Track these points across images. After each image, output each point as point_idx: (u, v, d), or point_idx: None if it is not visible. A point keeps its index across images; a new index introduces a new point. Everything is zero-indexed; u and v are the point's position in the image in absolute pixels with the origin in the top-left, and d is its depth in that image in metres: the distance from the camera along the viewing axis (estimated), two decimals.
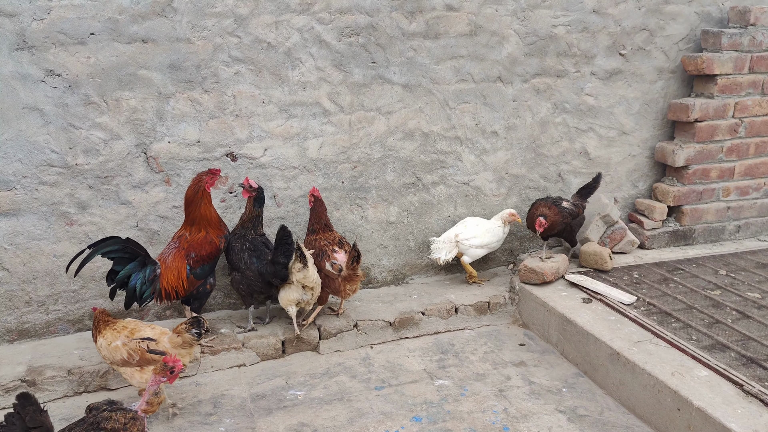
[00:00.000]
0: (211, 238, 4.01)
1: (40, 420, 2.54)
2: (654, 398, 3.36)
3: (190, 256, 3.93)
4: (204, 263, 3.98)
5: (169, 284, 3.88)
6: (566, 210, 4.57)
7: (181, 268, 3.91)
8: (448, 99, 4.72)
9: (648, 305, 4.15)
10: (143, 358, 3.35)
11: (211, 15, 4.04)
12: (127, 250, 3.73)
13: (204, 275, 4.01)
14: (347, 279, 4.11)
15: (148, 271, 3.79)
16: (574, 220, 4.67)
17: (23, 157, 3.88)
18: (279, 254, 3.95)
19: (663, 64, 5.20)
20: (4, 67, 3.73)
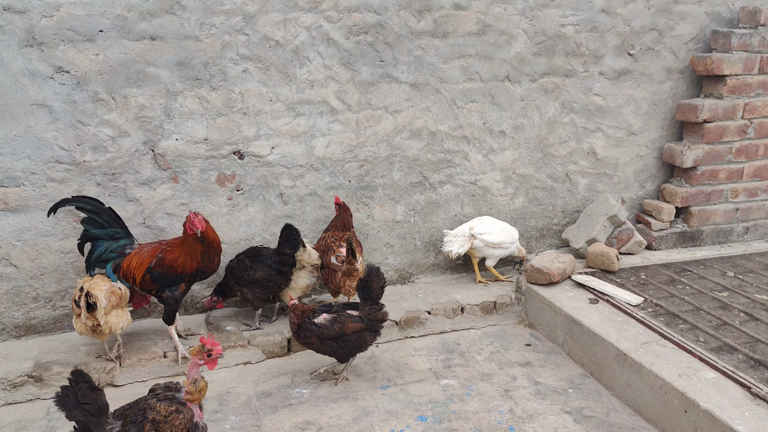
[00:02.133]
0: (185, 260, 3.82)
1: (92, 397, 2.56)
2: (661, 400, 3.34)
3: (158, 255, 3.83)
4: (163, 271, 3.80)
5: (129, 267, 3.81)
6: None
7: (145, 261, 3.82)
8: (455, 98, 4.72)
9: (655, 306, 4.13)
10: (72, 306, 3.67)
11: (219, 13, 4.04)
12: (103, 215, 3.83)
13: (160, 282, 3.82)
14: (347, 274, 4.14)
15: (118, 244, 3.85)
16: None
17: (32, 154, 3.90)
18: (285, 246, 4.09)
19: (672, 64, 5.18)
20: (13, 63, 3.74)
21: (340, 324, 3.61)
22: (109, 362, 3.80)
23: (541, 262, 4.54)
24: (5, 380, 3.61)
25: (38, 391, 3.66)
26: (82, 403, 2.50)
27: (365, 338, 3.67)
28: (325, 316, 3.66)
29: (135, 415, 2.66)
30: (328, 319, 3.63)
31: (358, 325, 3.62)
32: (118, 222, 3.91)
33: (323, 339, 3.62)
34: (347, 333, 3.61)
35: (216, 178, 4.30)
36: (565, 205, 5.27)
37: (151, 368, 3.87)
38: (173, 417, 2.69)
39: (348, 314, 3.66)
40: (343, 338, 3.62)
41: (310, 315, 3.68)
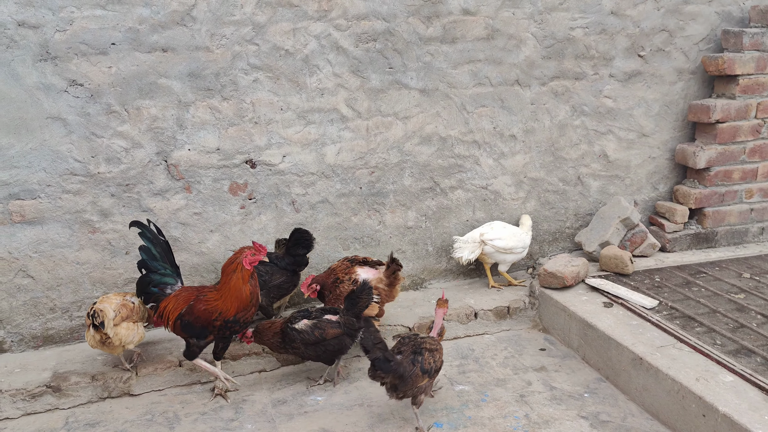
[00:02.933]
0: (210, 308, 3.60)
1: (380, 338, 3.28)
2: (678, 404, 3.32)
3: (190, 304, 3.64)
4: (191, 321, 3.61)
5: (166, 309, 3.66)
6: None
7: (179, 307, 3.65)
8: (465, 103, 4.72)
9: (670, 309, 4.10)
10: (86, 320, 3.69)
11: (229, 23, 4.07)
12: (157, 247, 3.78)
13: (187, 331, 3.64)
14: (391, 285, 4.14)
15: (162, 281, 3.76)
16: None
17: (47, 166, 3.95)
18: (299, 248, 4.23)
19: (683, 65, 5.15)
20: (28, 78, 3.79)
21: (321, 330, 3.68)
22: (126, 372, 3.83)
23: (554, 266, 4.53)
24: (24, 390, 3.65)
25: (56, 401, 3.70)
26: (375, 343, 3.23)
27: (345, 342, 3.74)
28: (305, 321, 3.72)
29: (413, 348, 3.31)
30: (308, 324, 3.70)
31: (338, 331, 3.70)
32: (169, 257, 3.82)
33: (307, 344, 3.69)
34: (327, 338, 3.68)
35: (229, 187, 4.33)
36: (578, 208, 5.25)
37: (167, 377, 3.90)
38: (439, 348, 3.42)
39: (327, 320, 3.72)
40: (323, 343, 3.70)
41: (291, 321, 3.75)
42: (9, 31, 3.71)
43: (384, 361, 3.16)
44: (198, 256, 4.34)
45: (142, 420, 3.57)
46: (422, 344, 3.33)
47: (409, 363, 3.22)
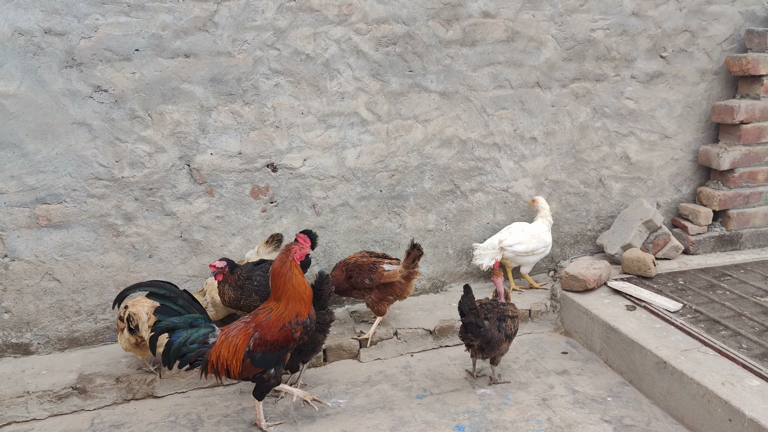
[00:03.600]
0: (286, 324, 3.30)
1: (474, 304, 3.62)
2: (703, 408, 3.28)
3: (255, 336, 3.27)
4: (266, 350, 3.27)
5: (221, 359, 3.24)
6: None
7: (240, 347, 3.25)
8: (485, 105, 4.71)
9: (695, 312, 4.06)
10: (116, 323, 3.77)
11: (251, 28, 4.11)
12: (179, 302, 3.27)
13: (263, 364, 3.30)
14: (408, 278, 4.16)
15: (198, 333, 3.27)
16: None
17: (72, 171, 4.01)
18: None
19: (706, 65, 5.10)
20: (54, 84, 3.86)
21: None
22: (149, 374, 3.87)
23: (576, 269, 4.50)
24: (51, 392, 3.70)
25: (82, 403, 3.75)
26: (471, 309, 3.58)
27: (318, 338, 3.70)
28: None
29: (498, 314, 3.67)
30: None
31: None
32: (195, 305, 3.33)
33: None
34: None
35: (250, 191, 4.36)
36: (599, 210, 5.21)
37: (189, 379, 3.93)
38: (518, 314, 3.80)
39: None
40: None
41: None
42: (36, 38, 3.77)
43: (476, 326, 3.55)
44: None
45: (165, 422, 3.61)
46: (505, 312, 3.69)
47: (495, 329, 3.61)
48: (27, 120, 3.86)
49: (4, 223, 3.95)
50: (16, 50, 3.76)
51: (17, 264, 4.03)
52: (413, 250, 4.08)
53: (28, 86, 3.82)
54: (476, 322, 3.55)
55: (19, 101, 3.82)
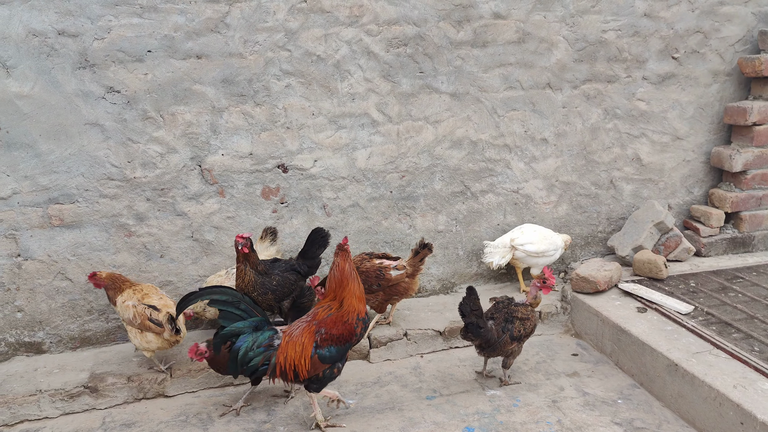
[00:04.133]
0: (348, 319, 3.30)
1: (478, 305, 3.62)
2: (715, 411, 3.26)
3: (320, 332, 3.27)
4: (333, 344, 3.28)
5: (288, 361, 3.22)
6: None
7: (307, 345, 3.25)
8: (496, 107, 4.71)
9: (706, 315, 4.03)
10: (143, 323, 3.68)
11: (262, 30, 4.13)
12: (242, 307, 3.27)
13: (331, 359, 3.30)
14: (412, 276, 4.17)
15: (263, 337, 3.24)
16: None
17: (85, 171, 4.04)
18: (315, 248, 4.11)
19: (718, 66, 5.07)
20: (67, 85, 3.89)
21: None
22: (160, 373, 3.89)
23: (586, 271, 4.48)
24: (63, 391, 3.73)
25: (94, 402, 3.77)
26: (473, 310, 3.60)
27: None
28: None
29: (506, 315, 3.68)
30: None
31: None
32: (257, 308, 3.33)
33: None
34: None
35: (261, 192, 4.38)
36: (610, 212, 5.19)
37: (200, 379, 3.95)
38: (531, 316, 3.71)
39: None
40: None
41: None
42: (50, 39, 3.81)
43: (476, 326, 3.58)
44: (231, 259, 4.39)
45: (176, 421, 3.63)
46: (515, 313, 3.69)
47: (500, 330, 3.64)
48: (40, 120, 3.89)
49: (18, 222, 3.99)
50: (31, 51, 3.80)
51: (30, 263, 4.06)
52: (423, 249, 4.09)
53: (41, 87, 3.85)
54: (477, 322, 3.58)
55: (33, 102, 3.86)
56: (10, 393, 3.70)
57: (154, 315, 3.67)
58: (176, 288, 4.34)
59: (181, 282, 4.34)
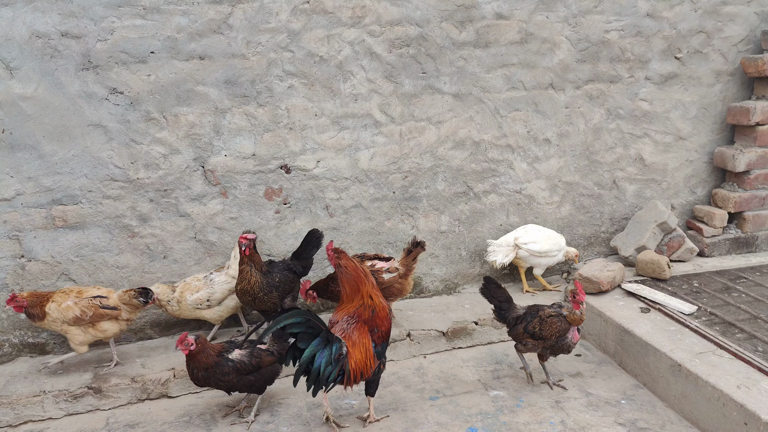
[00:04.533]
0: (387, 313, 3.41)
1: (500, 292, 3.88)
2: (719, 412, 3.25)
3: (374, 331, 3.31)
4: (384, 340, 3.37)
5: (357, 365, 3.21)
6: None
7: (368, 345, 3.27)
8: (498, 107, 4.71)
9: (710, 315, 4.03)
10: (96, 313, 3.77)
11: (265, 31, 4.13)
12: (310, 324, 3.13)
13: (382, 354, 3.37)
14: (406, 275, 4.16)
15: (334, 349, 3.15)
16: None
17: (88, 173, 4.05)
18: (310, 248, 4.17)
19: (721, 66, 5.07)
20: (70, 86, 3.90)
21: (257, 358, 3.52)
22: (164, 374, 3.89)
23: (589, 271, 4.48)
24: (66, 391, 3.74)
25: (97, 402, 3.78)
26: (494, 296, 3.84)
27: (277, 370, 3.62)
28: (239, 351, 3.53)
29: (532, 311, 3.77)
30: (243, 354, 3.52)
31: (273, 359, 3.56)
32: (319, 320, 3.18)
33: (243, 373, 3.49)
34: (263, 366, 3.54)
35: (264, 192, 4.38)
36: (613, 212, 5.19)
37: None
38: (552, 320, 3.68)
39: (261, 349, 3.57)
40: (259, 372, 3.54)
41: (223, 352, 3.53)
42: (53, 41, 3.82)
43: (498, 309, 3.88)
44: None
45: (180, 422, 3.63)
46: (540, 311, 3.75)
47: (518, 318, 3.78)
48: (44, 122, 3.90)
49: (21, 224, 4.00)
50: (34, 53, 3.81)
51: (34, 264, 4.07)
52: (416, 247, 4.09)
53: (45, 88, 3.86)
54: (500, 305, 3.84)
55: (36, 103, 3.86)
56: (14, 394, 3.71)
57: (104, 302, 3.78)
58: None
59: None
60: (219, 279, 4.11)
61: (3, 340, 4.12)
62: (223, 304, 4.11)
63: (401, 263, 4.15)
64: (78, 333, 3.80)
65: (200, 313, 4.09)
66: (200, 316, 4.10)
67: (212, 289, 4.07)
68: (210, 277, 4.13)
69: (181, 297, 4.03)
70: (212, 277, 4.12)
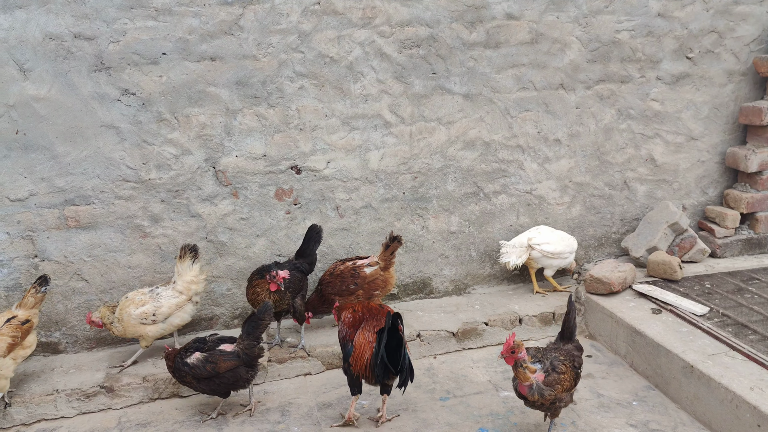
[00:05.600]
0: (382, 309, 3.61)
1: None
2: (732, 414, 3.23)
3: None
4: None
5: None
6: None
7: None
8: (509, 107, 4.70)
9: (722, 316, 4.01)
10: (23, 333, 3.64)
11: (275, 32, 4.15)
12: (394, 322, 3.29)
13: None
14: (386, 269, 4.23)
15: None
16: None
17: (101, 173, 4.07)
18: (312, 244, 4.23)
19: (733, 66, 5.04)
20: (83, 87, 3.93)
21: (213, 364, 3.44)
22: None
23: (600, 272, 4.47)
24: (79, 390, 3.77)
25: (110, 401, 3.80)
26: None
27: (241, 374, 3.51)
28: (197, 355, 3.48)
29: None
30: (200, 359, 3.46)
31: (232, 363, 3.46)
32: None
33: (199, 379, 3.47)
34: (220, 372, 3.46)
35: (274, 193, 4.39)
36: (624, 213, 5.17)
37: None
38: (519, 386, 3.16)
39: (221, 351, 3.48)
40: (217, 377, 3.47)
41: (182, 354, 3.51)
42: (66, 42, 3.85)
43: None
44: (245, 260, 4.42)
45: (191, 421, 3.65)
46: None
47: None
48: (57, 123, 3.93)
49: (35, 224, 4.03)
50: (47, 54, 3.84)
51: (47, 264, 4.10)
52: (393, 242, 4.13)
53: (58, 90, 3.89)
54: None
55: (49, 104, 3.90)
56: (27, 393, 3.74)
57: (19, 319, 3.66)
58: None
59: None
60: (166, 293, 3.95)
61: None
62: (168, 320, 3.95)
63: (380, 258, 4.21)
64: (10, 362, 3.60)
65: (143, 329, 3.89)
66: (142, 332, 3.90)
67: (159, 302, 3.91)
68: (156, 291, 3.98)
69: (121, 314, 3.86)
70: (158, 291, 3.98)
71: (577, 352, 3.33)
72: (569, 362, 3.19)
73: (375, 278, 4.20)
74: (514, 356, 3.10)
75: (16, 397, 3.69)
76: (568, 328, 3.39)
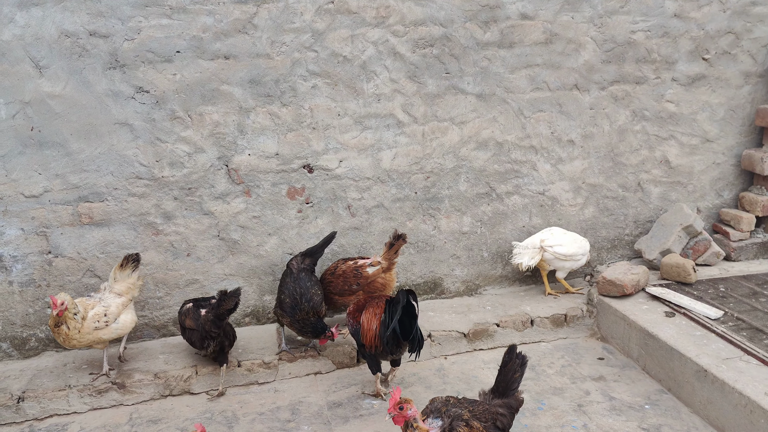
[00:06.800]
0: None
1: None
2: (746, 419, 3.20)
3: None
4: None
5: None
6: None
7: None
8: (522, 108, 4.68)
9: (736, 320, 3.96)
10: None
11: (289, 31, 4.15)
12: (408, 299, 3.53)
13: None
14: (388, 270, 4.23)
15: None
16: None
17: (114, 170, 4.09)
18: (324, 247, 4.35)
19: (750, 67, 4.98)
20: (98, 85, 3.95)
21: (183, 316, 3.91)
22: (186, 370, 3.92)
23: (613, 274, 4.43)
24: (91, 386, 3.79)
25: (121, 398, 3.82)
26: None
27: (193, 339, 3.87)
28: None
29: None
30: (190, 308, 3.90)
31: (193, 324, 3.83)
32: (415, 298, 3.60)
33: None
34: (185, 327, 3.86)
35: (286, 192, 4.40)
36: (637, 215, 5.13)
37: (226, 377, 3.97)
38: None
39: (189, 309, 3.92)
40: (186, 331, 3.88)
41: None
42: (81, 40, 3.87)
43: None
44: (256, 258, 4.43)
45: (201, 418, 3.66)
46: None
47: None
48: (71, 120, 3.96)
49: (49, 220, 4.06)
50: (63, 52, 3.86)
51: (60, 260, 4.13)
52: (397, 240, 4.12)
53: (73, 87, 3.92)
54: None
55: (64, 102, 3.92)
56: (40, 387, 3.76)
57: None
58: (202, 286, 4.38)
59: (207, 281, 4.38)
60: (107, 295, 3.89)
61: (29, 335, 4.18)
62: (120, 320, 3.87)
63: (383, 257, 4.20)
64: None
65: (98, 334, 3.76)
66: (98, 337, 3.78)
67: (106, 303, 3.83)
68: (96, 296, 3.90)
69: (86, 313, 3.74)
70: (98, 296, 3.90)
71: (505, 410, 2.90)
72: (483, 422, 2.77)
73: (375, 279, 4.19)
74: (402, 413, 2.65)
75: (28, 392, 3.72)
76: (504, 381, 2.95)
